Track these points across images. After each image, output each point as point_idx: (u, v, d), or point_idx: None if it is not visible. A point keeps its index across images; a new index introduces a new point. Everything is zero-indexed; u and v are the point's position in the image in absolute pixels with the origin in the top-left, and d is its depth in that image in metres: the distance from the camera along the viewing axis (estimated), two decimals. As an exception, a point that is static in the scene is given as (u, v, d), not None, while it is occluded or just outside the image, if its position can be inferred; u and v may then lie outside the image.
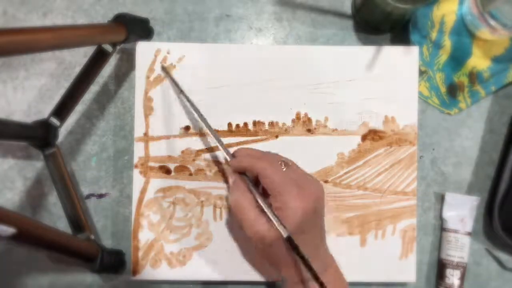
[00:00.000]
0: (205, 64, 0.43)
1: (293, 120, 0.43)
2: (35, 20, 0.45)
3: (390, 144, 0.43)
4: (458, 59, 0.45)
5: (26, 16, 0.45)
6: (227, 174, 0.43)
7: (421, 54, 0.44)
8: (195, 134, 0.43)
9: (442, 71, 0.45)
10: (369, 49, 0.43)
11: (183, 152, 0.43)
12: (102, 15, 0.46)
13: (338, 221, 0.43)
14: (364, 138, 0.43)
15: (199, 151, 0.43)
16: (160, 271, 0.42)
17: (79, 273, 0.44)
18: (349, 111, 0.43)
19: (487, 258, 0.45)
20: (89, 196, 0.45)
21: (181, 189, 0.43)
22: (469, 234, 0.43)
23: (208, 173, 0.43)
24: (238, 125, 0.43)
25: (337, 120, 0.43)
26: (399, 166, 0.43)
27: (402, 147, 0.43)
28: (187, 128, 0.43)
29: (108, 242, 0.44)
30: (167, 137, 0.43)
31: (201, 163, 0.43)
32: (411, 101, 0.43)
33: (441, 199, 0.45)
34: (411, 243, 0.42)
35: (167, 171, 0.43)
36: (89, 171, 0.45)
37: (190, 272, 0.42)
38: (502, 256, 0.45)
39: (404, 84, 0.43)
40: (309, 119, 0.43)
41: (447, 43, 0.44)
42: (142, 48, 0.43)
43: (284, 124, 0.43)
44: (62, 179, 0.41)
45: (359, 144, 0.43)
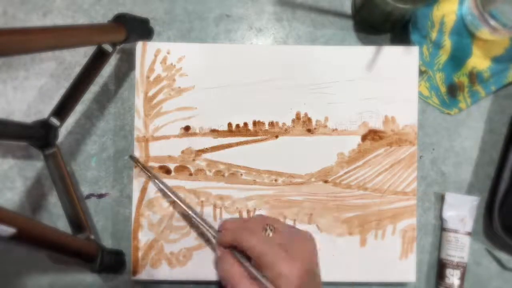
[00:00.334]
0: (205, 64, 0.43)
1: (293, 120, 0.43)
2: (35, 20, 0.45)
3: (390, 144, 0.43)
4: (458, 59, 0.45)
5: (26, 16, 0.45)
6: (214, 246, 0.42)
7: (421, 54, 0.44)
8: (195, 134, 0.43)
9: (442, 71, 0.45)
10: (369, 49, 0.43)
11: (183, 152, 0.43)
12: (102, 15, 0.46)
13: (338, 221, 0.43)
14: (364, 138, 0.43)
15: (199, 151, 0.43)
16: (160, 271, 0.42)
17: (79, 273, 0.44)
18: (349, 111, 0.43)
19: (487, 258, 0.45)
20: (89, 196, 0.45)
21: (181, 189, 0.43)
22: (469, 234, 0.43)
23: (208, 173, 0.43)
24: (238, 125, 0.43)
25: (337, 120, 0.43)
26: (399, 166, 0.43)
27: (402, 147, 0.43)
28: (187, 128, 0.43)
29: (108, 242, 0.44)
30: (167, 137, 0.43)
31: (201, 163, 0.43)
32: (411, 101, 0.43)
33: (441, 199, 0.45)
34: (411, 243, 0.42)
35: (167, 171, 0.43)
36: (89, 171, 0.45)
37: (190, 272, 0.42)
38: (502, 256, 0.45)
39: (404, 84, 0.43)
40: (309, 119, 0.43)
41: (447, 43, 0.44)
42: (142, 48, 0.43)
43: (284, 124, 0.43)
44: (62, 179, 0.41)
45: (359, 144, 0.43)
